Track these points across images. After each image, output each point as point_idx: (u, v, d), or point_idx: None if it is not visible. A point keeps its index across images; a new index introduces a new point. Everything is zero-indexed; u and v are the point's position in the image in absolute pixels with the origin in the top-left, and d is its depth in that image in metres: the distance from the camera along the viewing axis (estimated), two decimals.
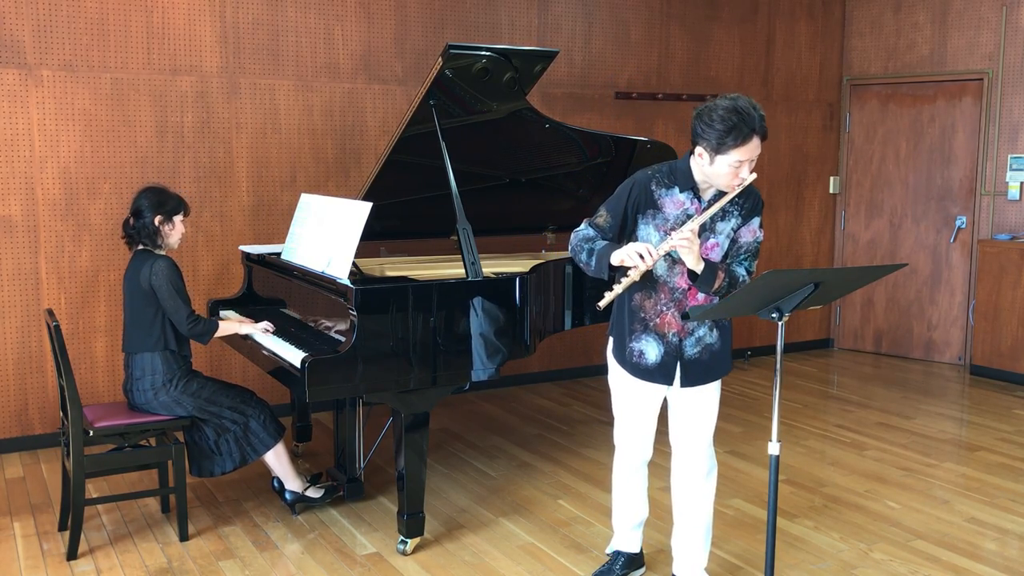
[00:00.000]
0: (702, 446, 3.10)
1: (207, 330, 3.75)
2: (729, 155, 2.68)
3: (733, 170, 2.71)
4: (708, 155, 2.73)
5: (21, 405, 4.87)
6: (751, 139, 2.66)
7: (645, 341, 2.98)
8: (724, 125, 2.64)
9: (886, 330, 7.39)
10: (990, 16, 6.65)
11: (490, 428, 5.34)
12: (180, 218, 3.80)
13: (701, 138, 2.72)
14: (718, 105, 2.68)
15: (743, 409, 5.77)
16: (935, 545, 3.76)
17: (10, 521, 3.95)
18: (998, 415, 5.68)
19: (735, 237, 2.88)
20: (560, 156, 4.59)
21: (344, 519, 3.96)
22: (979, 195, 6.80)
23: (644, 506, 3.32)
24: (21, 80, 4.70)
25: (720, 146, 2.68)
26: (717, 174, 2.74)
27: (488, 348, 3.61)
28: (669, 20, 6.58)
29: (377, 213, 3.75)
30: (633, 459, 3.23)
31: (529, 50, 4.01)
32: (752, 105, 2.68)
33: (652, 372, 2.99)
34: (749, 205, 2.88)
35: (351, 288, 3.40)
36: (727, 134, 2.64)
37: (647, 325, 2.97)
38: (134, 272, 3.72)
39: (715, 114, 2.67)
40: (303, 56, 5.36)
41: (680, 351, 2.96)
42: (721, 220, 2.86)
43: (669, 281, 2.91)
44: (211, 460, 3.78)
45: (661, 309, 2.93)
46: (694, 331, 2.96)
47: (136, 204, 3.76)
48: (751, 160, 2.71)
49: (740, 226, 2.88)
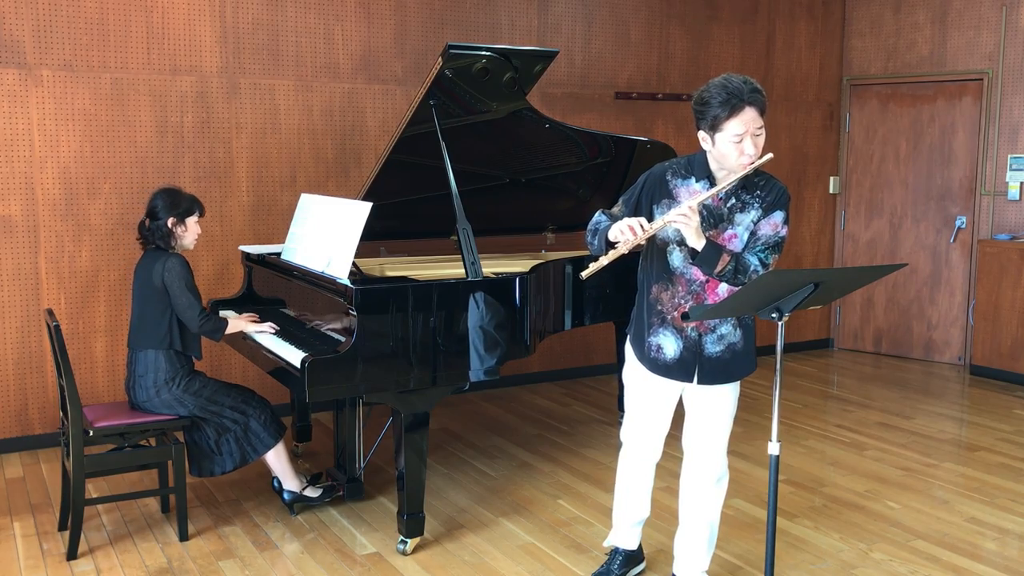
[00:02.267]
0: (715, 450, 3.04)
1: (218, 327, 3.76)
2: (726, 130, 2.66)
3: (735, 146, 2.67)
4: (709, 137, 2.73)
5: (21, 405, 4.87)
6: (742, 109, 2.64)
7: (663, 335, 2.93)
8: (716, 100, 2.65)
9: (886, 330, 7.39)
10: (990, 16, 6.65)
11: (490, 428, 5.34)
12: (194, 219, 3.81)
13: (700, 121, 2.73)
14: (710, 84, 2.70)
15: (743, 409, 5.74)
16: (935, 545, 3.76)
17: (10, 521, 3.95)
18: (998, 415, 5.68)
19: (754, 229, 2.81)
20: (560, 156, 4.59)
21: (344, 519, 3.96)
22: (979, 195, 6.80)
23: (646, 505, 3.30)
24: (21, 80, 4.70)
25: (715, 121, 2.67)
26: (724, 155, 2.71)
27: (488, 348, 3.61)
28: (669, 20, 6.58)
29: (377, 213, 3.75)
30: (641, 458, 3.20)
31: (529, 50, 4.01)
32: (744, 80, 2.67)
33: (670, 368, 2.94)
34: (771, 198, 2.80)
35: (351, 288, 3.40)
36: (719, 108, 2.64)
37: (664, 319, 2.92)
38: (146, 269, 3.72)
39: (706, 93, 2.69)
40: (303, 56, 5.36)
41: (700, 347, 2.90)
42: (740, 211, 2.81)
43: (686, 272, 2.86)
44: (211, 460, 3.78)
45: (679, 302, 2.88)
46: (716, 327, 2.89)
47: (151, 205, 3.77)
48: (753, 135, 2.67)
49: (760, 218, 2.81)
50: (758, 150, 2.69)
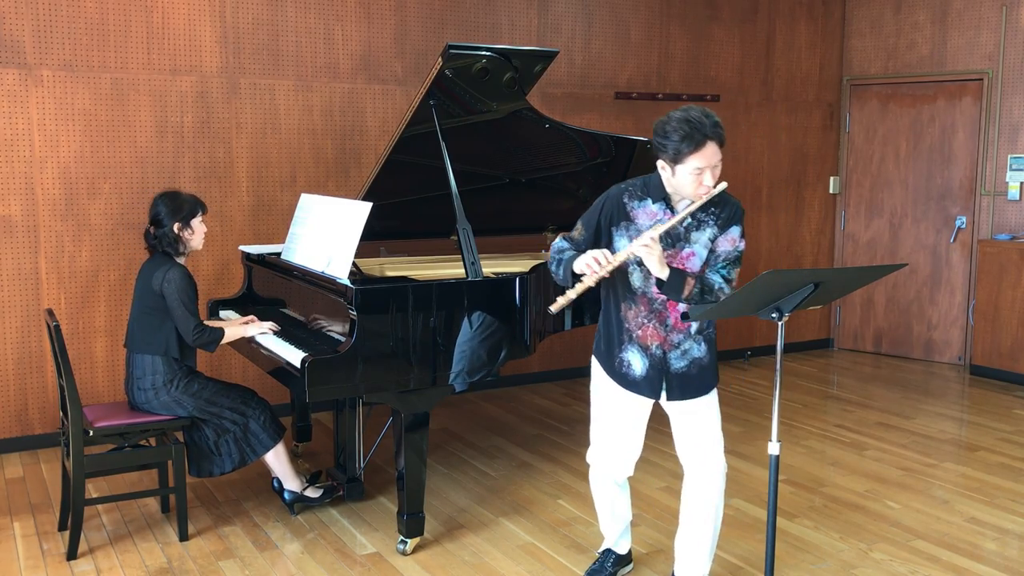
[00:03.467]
0: (713, 458, 3.02)
1: (212, 339, 3.73)
2: (687, 164, 2.72)
3: (695, 178, 2.74)
4: (669, 167, 2.78)
5: (21, 405, 4.87)
6: (705, 144, 2.70)
7: (631, 352, 2.97)
8: (678, 135, 2.70)
9: (886, 330, 7.39)
10: (990, 16, 6.65)
11: (490, 428, 5.34)
12: (199, 220, 3.78)
13: (660, 151, 2.78)
14: (671, 117, 2.74)
15: (743, 409, 5.77)
16: (935, 545, 3.76)
17: (10, 521, 3.95)
18: (998, 415, 5.69)
19: (713, 247, 2.88)
20: (560, 156, 4.59)
21: (344, 519, 3.96)
22: (979, 195, 6.80)
23: (627, 512, 3.33)
24: (21, 80, 4.70)
25: (677, 155, 2.72)
26: (681, 184, 2.78)
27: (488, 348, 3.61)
28: (669, 20, 6.59)
29: (377, 213, 3.75)
30: (609, 478, 3.19)
31: (529, 50, 4.01)
32: (704, 113, 2.73)
33: (639, 384, 2.98)
34: (726, 215, 2.88)
35: (351, 288, 3.40)
36: (681, 142, 2.70)
37: (631, 336, 2.97)
38: (148, 274, 3.70)
39: (668, 126, 2.73)
40: (303, 56, 5.36)
41: (666, 364, 2.94)
42: (696, 230, 2.87)
43: (648, 291, 2.91)
44: (210, 460, 3.77)
45: (642, 321, 2.93)
46: (679, 343, 2.93)
47: (154, 212, 3.73)
48: (712, 167, 2.74)
49: (717, 236, 2.88)
50: (715, 180, 2.76)
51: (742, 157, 7.01)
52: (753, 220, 7.14)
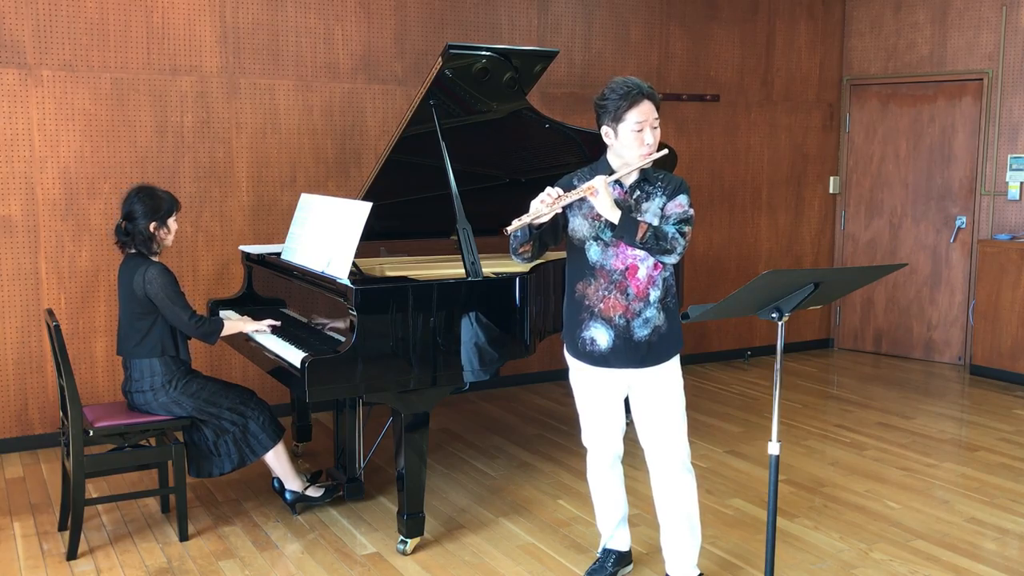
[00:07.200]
0: (673, 436, 3.08)
1: (213, 329, 3.73)
2: (627, 120, 2.91)
3: (636, 135, 2.91)
4: (612, 129, 2.96)
5: (21, 405, 4.87)
6: (641, 100, 2.91)
7: (595, 328, 3.05)
8: (616, 94, 2.92)
9: (886, 330, 7.39)
10: (990, 16, 6.65)
11: (490, 428, 5.34)
12: (174, 219, 3.77)
13: (602, 115, 2.96)
14: (611, 82, 2.98)
15: (743, 409, 5.77)
16: (935, 545, 3.76)
17: (10, 521, 3.95)
18: (998, 415, 5.68)
19: (662, 213, 3.01)
20: (560, 156, 4.59)
21: (344, 519, 3.96)
22: (979, 195, 6.80)
23: (623, 502, 3.36)
24: (21, 80, 4.70)
25: (617, 111, 2.91)
26: (625, 146, 2.94)
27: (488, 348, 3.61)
28: (669, 20, 6.58)
29: (377, 213, 3.75)
30: (603, 457, 3.26)
31: (529, 50, 4.01)
32: (640, 80, 2.96)
33: (607, 357, 3.05)
34: (672, 187, 3.02)
35: (351, 288, 3.40)
36: (620, 100, 2.91)
37: (593, 312, 3.05)
38: (127, 278, 3.67)
39: (607, 89, 2.96)
40: (303, 56, 5.36)
41: (629, 332, 3.02)
42: (646, 200, 3.01)
43: (606, 264, 3.01)
44: (209, 461, 3.77)
45: (603, 294, 3.03)
46: (641, 311, 3.02)
47: (129, 209, 3.69)
48: (651, 126, 2.92)
49: (666, 203, 3.00)
50: (655, 141, 2.95)
51: (742, 157, 7.01)
52: (753, 220, 7.14)
